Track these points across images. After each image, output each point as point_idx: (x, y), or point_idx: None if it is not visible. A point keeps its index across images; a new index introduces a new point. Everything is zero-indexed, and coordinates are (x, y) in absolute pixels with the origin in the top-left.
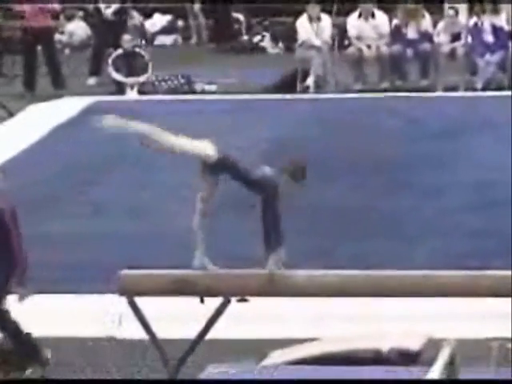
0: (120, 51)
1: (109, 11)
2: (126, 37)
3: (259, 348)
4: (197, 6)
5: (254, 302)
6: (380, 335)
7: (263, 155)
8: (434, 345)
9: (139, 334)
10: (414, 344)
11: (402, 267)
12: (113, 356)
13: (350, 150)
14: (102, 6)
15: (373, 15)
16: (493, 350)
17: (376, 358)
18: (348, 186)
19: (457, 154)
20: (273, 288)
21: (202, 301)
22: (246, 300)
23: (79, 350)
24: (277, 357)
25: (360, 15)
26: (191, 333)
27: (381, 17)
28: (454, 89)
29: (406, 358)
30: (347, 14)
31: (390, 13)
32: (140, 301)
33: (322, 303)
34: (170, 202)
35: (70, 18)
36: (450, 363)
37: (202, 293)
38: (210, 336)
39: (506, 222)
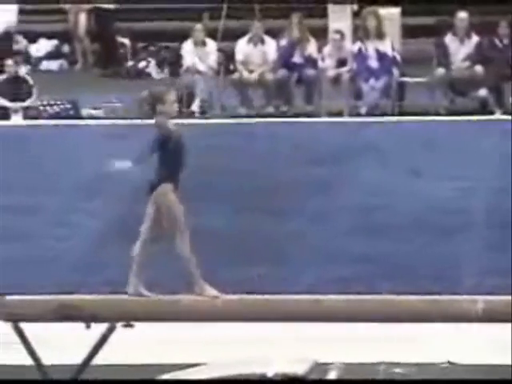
0: (4, 76)
1: None
2: (9, 62)
3: (145, 373)
4: (82, 31)
5: (140, 327)
6: (265, 360)
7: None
8: (320, 369)
9: (25, 359)
10: (299, 368)
11: (287, 292)
12: None
13: (236, 175)
14: None
15: (262, 41)
16: (379, 373)
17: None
18: (233, 212)
19: (341, 179)
20: (158, 313)
21: (88, 326)
22: (131, 325)
23: None
24: None
25: (250, 40)
26: (77, 358)
27: (269, 43)
28: (338, 114)
29: (292, 382)
30: (234, 38)
31: (276, 38)
32: (26, 326)
33: (208, 328)
34: (55, 226)
35: None
36: None
37: (88, 318)
38: (95, 361)
39: (390, 247)
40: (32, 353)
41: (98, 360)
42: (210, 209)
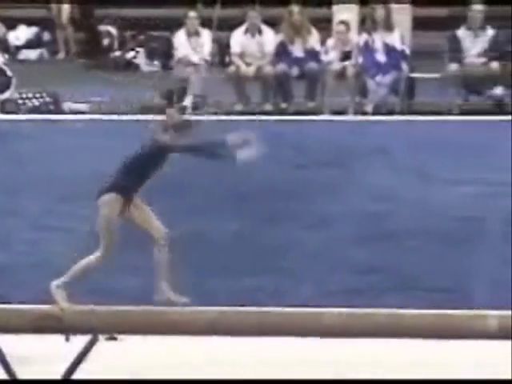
0: None
1: None
2: None
3: None
4: (65, 17)
5: (127, 340)
6: None
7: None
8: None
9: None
10: None
11: (286, 304)
12: None
13: (230, 177)
14: None
15: (260, 31)
16: None
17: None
18: (228, 217)
19: (345, 183)
20: (145, 325)
21: (67, 339)
22: (115, 338)
23: None
24: None
25: (246, 31)
26: (56, 373)
27: (267, 33)
28: (342, 112)
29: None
30: (230, 29)
31: (275, 28)
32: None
33: (203, 341)
34: (32, 230)
35: None
36: None
37: (69, 330)
38: (76, 376)
39: (396, 257)
40: (7, 366)
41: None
42: (201, 215)
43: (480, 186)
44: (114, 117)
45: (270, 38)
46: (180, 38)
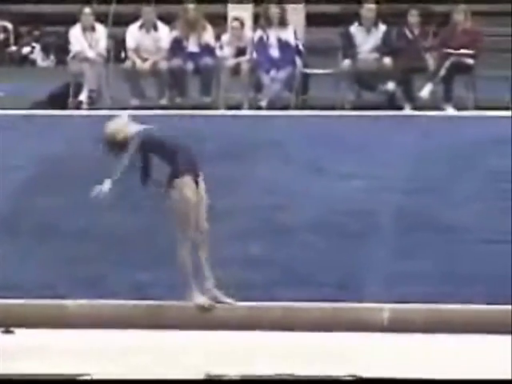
0: None
1: None
2: None
3: None
4: None
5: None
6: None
7: (37, 175)
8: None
9: None
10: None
11: (182, 298)
12: None
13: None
14: None
15: (155, 27)
16: None
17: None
18: (126, 212)
19: (241, 177)
20: (44, 319)
21: None
22: (11, 331)
23: None
24: None
25: (141, 26)
26: None
27: (162, 29)
28: (237, 107)
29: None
30: (125, 24)
31: (171, 25)
32: None
33: (96, 335)
34: None
35: None
36: None
37: None
38: None
39: (290, 250)
40: None
41: None
42: (99, 209)
43: (372, 180)
44: (9, 112)
45: (165, 34)
46: (75, 34)
